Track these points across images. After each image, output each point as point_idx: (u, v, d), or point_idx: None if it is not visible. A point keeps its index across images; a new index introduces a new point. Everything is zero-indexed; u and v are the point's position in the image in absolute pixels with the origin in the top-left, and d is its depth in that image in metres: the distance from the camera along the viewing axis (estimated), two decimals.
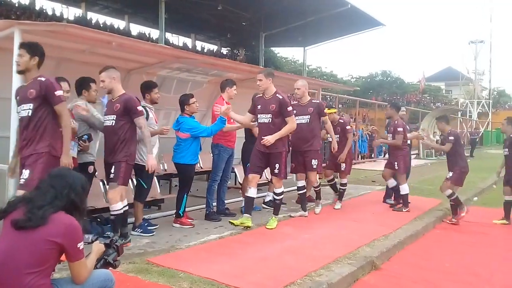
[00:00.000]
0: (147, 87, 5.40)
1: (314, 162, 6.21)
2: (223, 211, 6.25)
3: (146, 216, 5.49)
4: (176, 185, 6.55)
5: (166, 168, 7.64)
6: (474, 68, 47.45)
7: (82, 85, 4.77)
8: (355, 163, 16.20)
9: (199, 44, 34.36)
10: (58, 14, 24.72)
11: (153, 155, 4.76)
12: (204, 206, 6.15)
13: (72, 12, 26.01)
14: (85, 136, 4.61)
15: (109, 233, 2.88)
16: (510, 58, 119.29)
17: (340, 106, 21.81)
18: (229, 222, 5.49)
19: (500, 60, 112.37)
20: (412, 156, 8.07)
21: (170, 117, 7.63)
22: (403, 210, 6.99)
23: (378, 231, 5.62)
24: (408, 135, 7.56)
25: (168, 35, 29.52)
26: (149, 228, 5.16)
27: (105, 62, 5.97)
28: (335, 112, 7.40)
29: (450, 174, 6.68)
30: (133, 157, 4.67)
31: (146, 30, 30.28)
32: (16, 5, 22.92)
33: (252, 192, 5.60)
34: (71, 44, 5.12)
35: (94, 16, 27.40)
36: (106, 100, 4.79)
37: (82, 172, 4.51)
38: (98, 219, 5.10)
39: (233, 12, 26.07)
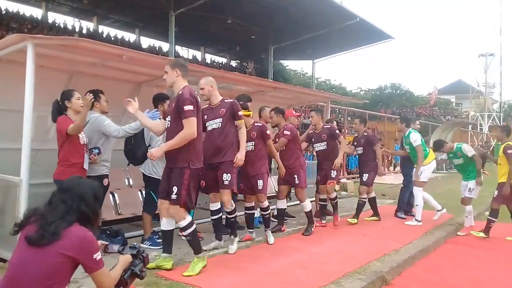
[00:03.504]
0: (160, 99, 5.42)
1: (226, 177, 4.81)
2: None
3: (155, 229, 5.48)
4: None
5: None
6: (484, 81, 47.21)
7: (93, 97, 4.81)
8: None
9: (208, 57, 34.67)
10: (70, 27, 25.11)
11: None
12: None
13: (84, 26, 26.42)
14: (96, 150, 4.64)
15: (135, 243, 2.88)
16: None
17: (349, 118, 21.76)
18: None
19: (511, 73, 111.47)
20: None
21: None
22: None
23: (389, 246, 5.56)
24: None
25: (178, 48, 29.84)
26: (157, 240, 5.14)
27: (116, 75, 6.09)
28: (250, 115, 5.72)
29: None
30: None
31: (156, 43, 30.66)
32: (29, 18, 23.33)
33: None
34: (83, 57, 5.19)
35: (105, 30, 27.84)
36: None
37: None
38: (108, 232, 5.10)
39: (242, 25, 26.33)
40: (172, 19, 22.48)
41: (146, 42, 30.29)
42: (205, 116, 4.78)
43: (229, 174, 4.80)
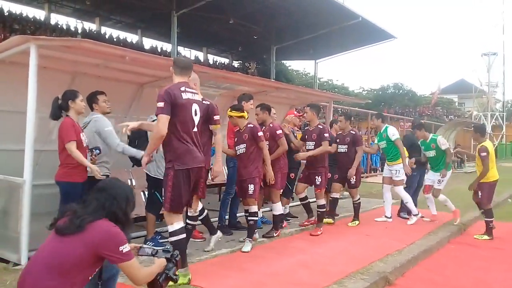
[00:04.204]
0: None
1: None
2: (235, 225, 6.23)
3: (158, 229, 5.49)
4: None
5: None
6: (487, 80, 47.04)
7: (92, 100, 4.81)
8: (367, 176, 16.19)
9: (211, 58, 34.72)
10: (72, 28, 25.18)
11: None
12: (216, 219, 6.09)
13: (86, 27, 26.48)
14: (97, 150, 4.63)
15: (168, 247, 2.90)
16: None
17: (352, 118, 21.70)
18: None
19: None
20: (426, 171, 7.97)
21: None
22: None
23: (392, 246, 5.55)
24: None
25: (180, 49, 29.88)
26: (160, 241, 5.15)
27: (119, 76, 6.10)
28: (242, 117, 5.51)
29: None
30: None
31: (158, 44, 30.71)
32: (32, 20, 23.40)
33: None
34: (85, 58, 5.20)
35: (107, 31, 27.89)
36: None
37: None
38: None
39: (244, 26, 26.35)
40: (174, 20, 22.52)
41: (148, 43, 30.40)
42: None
43: (202, 180, 4.31)
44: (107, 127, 4.68)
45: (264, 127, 5.95)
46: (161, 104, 3.77)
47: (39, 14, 24.96)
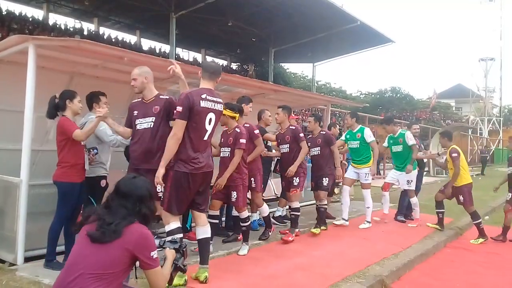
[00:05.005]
0: None
1: (159, 188, 3.97)
2: (232, 227, 6.22)
3: (154, 230, 5.47)
4: None
5: None
6: (484, 85, 47.23)
7: (92, 99, 4.80)
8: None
9: (209, 59, 34.65)
10: (71, 29, 25.14)
11: None
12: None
13: (84, 27, 26.44)
14: (95, 150, 4.63)
15: (175, 237, 2.93)
16: None
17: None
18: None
19: (511, 78, 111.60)
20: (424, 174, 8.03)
21: None
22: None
23: (388, 250, 5.55)
24: (420, 154, 7.62)
25: (179, 50, 29.89)
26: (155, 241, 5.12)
27: (117, 77, 6.08)
28: (234, 118, 5.23)
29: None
30: None
31: (157, 45, 30.66)
32: (30, 19, 23.36)
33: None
34: (84, 59, 5.19)
35: (106, 31, 27.85)
36: None
37: (94, 186, 4.56)
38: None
39: (243, 28, 26.36)
40: (173, 21, 22.50)
41: (146, 44, 30.36)
42: (135, 112, 4.25)
43: (158, 185, 3.92)
44: (101, 126, 4.65)
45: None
46: (179, 109, 3.82)
47: (37, 13, 24.94)
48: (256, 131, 5.76)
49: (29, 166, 4.48)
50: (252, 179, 5.63)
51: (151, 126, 4.14)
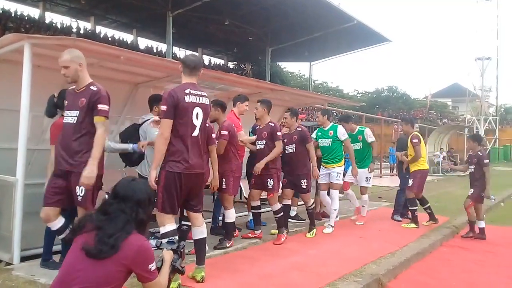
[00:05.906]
0: (155, 100, 5.40)
1: (79, 192, 3.61)
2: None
3: (152, 230, 5.46)
4: None
5: None
6: (480, 84, 47.34)
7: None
8: None
9: (206, 58, 34.68)
10: (67, 27, 25.06)
11: None
12: (209, 220, 6.06)
13: (81, 26, 26.40)
14: None
15: (172, 238, 2.88)
16: None
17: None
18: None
19: (507, 77, 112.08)
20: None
21: None
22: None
23: (385, 248, 5.56)
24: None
25: (176, 49, 29.84)
26: (150, 241, 5.11)
27: (114, 76, 6.07)
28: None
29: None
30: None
31: (154, 44, 30.68)
32: (26, 18, 23.29)
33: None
34: None
35: (102, 30, 27.82)
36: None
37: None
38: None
39: (240, 27, 26.38)
40: (169, 20, 22.49)
41: (143, 43, 30.36)
42: (65, 102, 3.85)
43: (82, 188, 3.59)
44: None
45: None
46: (163, 108, 3.73)
47: (33, 12, 24.93)
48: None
49: (25, 166, 4.45)
50: (223, 180, 5.24)
51: (74, 122, 3.68)
